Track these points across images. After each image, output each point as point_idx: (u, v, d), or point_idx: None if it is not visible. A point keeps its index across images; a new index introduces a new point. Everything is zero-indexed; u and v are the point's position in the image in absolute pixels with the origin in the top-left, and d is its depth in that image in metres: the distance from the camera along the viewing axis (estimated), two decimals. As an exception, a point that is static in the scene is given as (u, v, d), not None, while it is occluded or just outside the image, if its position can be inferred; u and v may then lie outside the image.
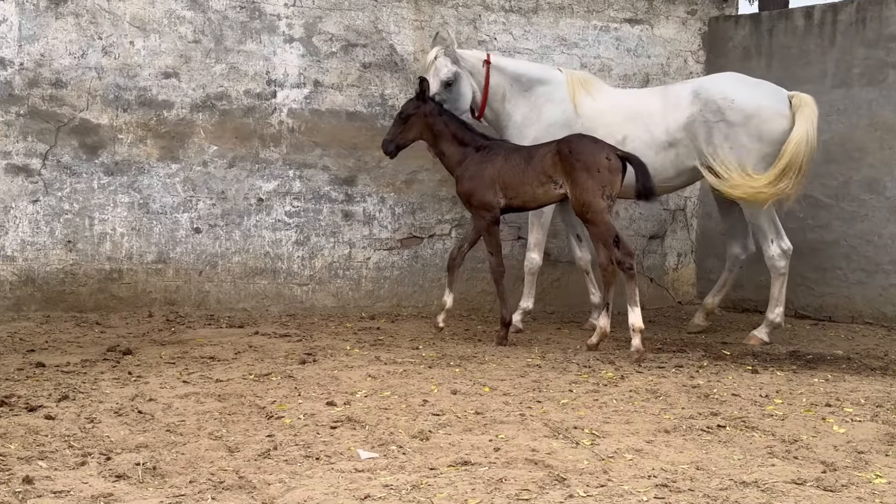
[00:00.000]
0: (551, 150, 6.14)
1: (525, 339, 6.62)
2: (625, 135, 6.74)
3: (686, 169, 6.81)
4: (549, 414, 4.45)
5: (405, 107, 6.52)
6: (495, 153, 6.36)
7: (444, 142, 6.46)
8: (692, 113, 6.67)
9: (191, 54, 7.26)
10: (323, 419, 4.27)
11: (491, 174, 6.29)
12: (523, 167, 6.20)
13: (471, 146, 6.42)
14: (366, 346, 6.08)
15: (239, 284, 7.40)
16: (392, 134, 6.50)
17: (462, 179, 6.41)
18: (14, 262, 6.91)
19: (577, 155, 5.99)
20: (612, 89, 7.20)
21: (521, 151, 6.36)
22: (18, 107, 6.90)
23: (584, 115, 6.80)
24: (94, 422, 4.14)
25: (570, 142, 6.12)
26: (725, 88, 6.67)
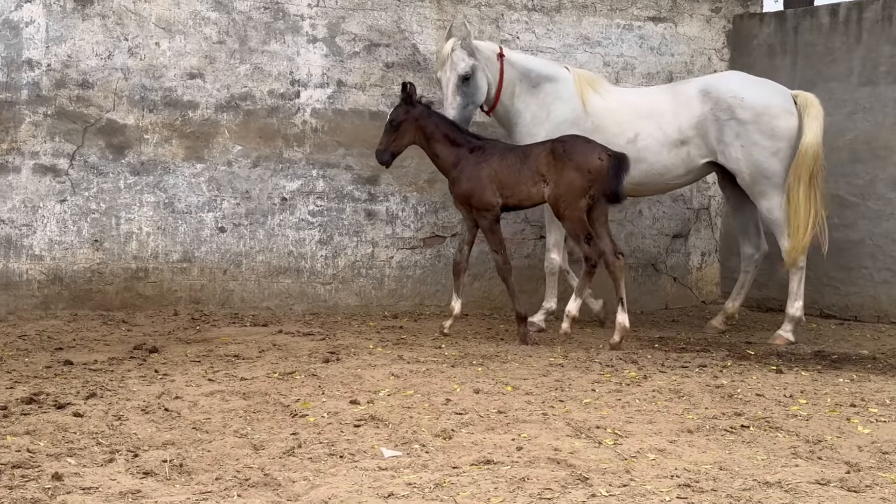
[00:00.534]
0: (545, 150, 6.23)
1: (548, 338, 6.62)
2: (637, 132, 6.76)
3: (696, 167, 6.87)
4: (572, 413, 4.46)
5: (395, 113, 6.46)
6: (490, 153, 6.40)
7: (436, 143, 6.46)
8: (703, 111, 6.72)
9: (215, 55, 7.33)
10: (347, 417, 4.30)
11: (488, 174, 6.33)
12: (518, 167, 6.29)
13: (464, 147, 6.44)
14: (389, 345, 6.11)
15: (263, 283, 7.47)
16: (385, 143, 6.45)
17: (459, 181, 6.42)
18: (42, 261, 7.01)
19: (570, 154, 6.12)
20: (617, 87, 7.23)
21: (515, 151, 6.43)
22: (46, 107, 7.00)
23: (594, 114, 6.79)
24: (121, 419, 4.20)
25: (565, 142, 6.25)
26: (734, 87, 6.75)
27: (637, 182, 6.84)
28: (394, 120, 6.44)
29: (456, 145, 6.45)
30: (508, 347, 6.19)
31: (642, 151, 6.76)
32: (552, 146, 6.23)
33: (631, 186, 6.90)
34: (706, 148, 6.78)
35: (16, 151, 6.95)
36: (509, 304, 7.83)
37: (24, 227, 6.98)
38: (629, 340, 6.58)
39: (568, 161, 6.10)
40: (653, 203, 8.28)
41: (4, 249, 6.94)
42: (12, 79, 6.94)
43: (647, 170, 6.81)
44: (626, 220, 8.25)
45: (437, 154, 6.50)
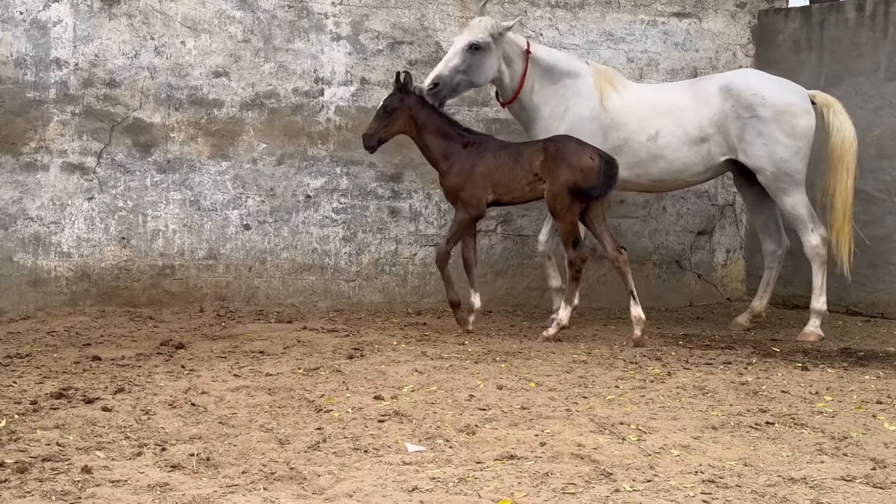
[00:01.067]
0: (538, 149, 6.31)
1: (571, 335, 6.62)
2: (658, 129, 6.74)
3: (715, 164, 6.86)
4: (596, 409, 4.47)
5: (389, 100, 6.46)
6: (484, 150, 6.45)
7: (428, 135, 6.48)
8: (724, 109, 6.70)
9: (240, 53, 7.39)
10: (371, 413, 4.33)
11: (482, 171, 6.38)
12: (512, 165, 6.35)
13: (455, 141, 6.47)
14: (412, 342, 6.14)
15: (287, 280, 7.52)
16: (374, 128, 6.45)
17: (450, 174, 6.45)
18: (70, 258, 7.10)
19: (563, 154, 6.19)
20: (636, 84, 7.20)
21: (508, 149, 6.49)
22: (74, 106, 7.09)
23: (612, 110, 6.76)
24: (149, 414, 4.26)
25: (557, 141, 6.34)
26: (754, 85, 6.75)
27: (656, 179, 6.83)
28: (387, 106, 6.44)
29: (447, 139, 6.48)
30: (531, 344, 6.19)
31: (663, 149, 6.74)
32: (544, 145, 6.33)
33: (649, 183, 6.91)
34: (726, 145, 6.77)
35: (44, 150, 7.04)
36: (532, 301, 7.87)
37: (52, 225, 7.07)
38: (652, 337, 6.56)
39: (560, 160, 6.18)
40: (677, 200, 8.26)
41: (33, 247, 7.04)
42: (40, 78, 7.03)
43: (667, 167, 6.79)
44: (650, 217, 8.23)
45: (427, 145, 6.52)
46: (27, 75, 7.01)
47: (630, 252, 8.10)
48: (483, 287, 7.65)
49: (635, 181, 6.86)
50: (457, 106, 7.78)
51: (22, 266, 7.01)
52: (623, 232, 8.14)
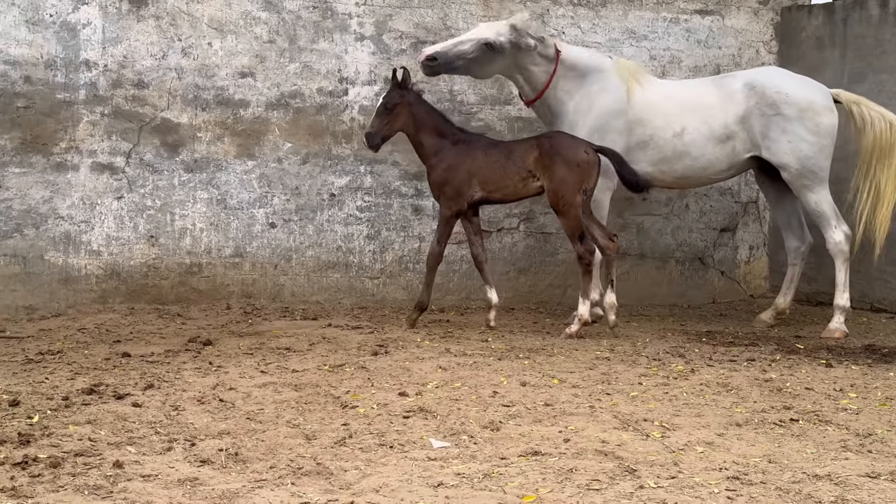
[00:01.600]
0: (531, 146, 6.34)
1: (593, 332, 6.60)
2: (683, 126, 6.70)
3: (739, 161, 6.83)
4: (619, 406, 4.46)
5: (389, 97, 6.44)
6: (474, 147, 6.47)
7: (424, 132, 6.48)
8: (749, 106, 6.67)
9: (266, 54, 7.43)
10: (396, 409, 4.35)
11: (469, 168, 6.40)
12: (504, 162, 6.37)
13: (448, 138, 6.49)
14: (436, 339, 6.15)
15: (312, 278, 7.56)
16: (377, 126, 6.42)
17: (436, 168, 6.47)
18: (100, 256, 7.18)
19: (558, 150, 6.22)
20: (659, 80, 7.16)
21: (499, 147, 6.51)
22: (103, 107, 7.16)
23: (638, 105, 6.72)
24: (178, 409, 4.29)
25: (551, 137, 6.38)
26: (778, 82, 6.74)
27: (680, 176, 6.81)
28: (388, 103, 6.42)
29: (441, 136, 6.49)
30: (554, 341, 6.19)
31: (688, 145, 6.71)
32: (538, 142, 6.35)
33: (673, 180, 6.88)
34: (750, 142, 6.74)
35: (74, 150, 7.12)
36: (555, 298, 7.86)
37: (82, 224, 7.15)
38: (675, 334, 6.54)
39: (556, 157, 6.20)
40: (700, 197, 8.21)
41: (64, 245, 7.12)
42: (70, 79, 7.11)
43: (692, 164, 6.76)
44: (672, 214, 8.19)
45: (421, 142, 6.52)
46: (57, 77, 7.08)
47: (653, 249, 8.11)
48: (506, 284, 7.67)
49: (660, 178, 6.83)
50: (479, 104, 7.79)
51: (53, 264, 7.09)
52: (646, 229, 8.12)
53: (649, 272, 8.12)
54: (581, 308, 6.34)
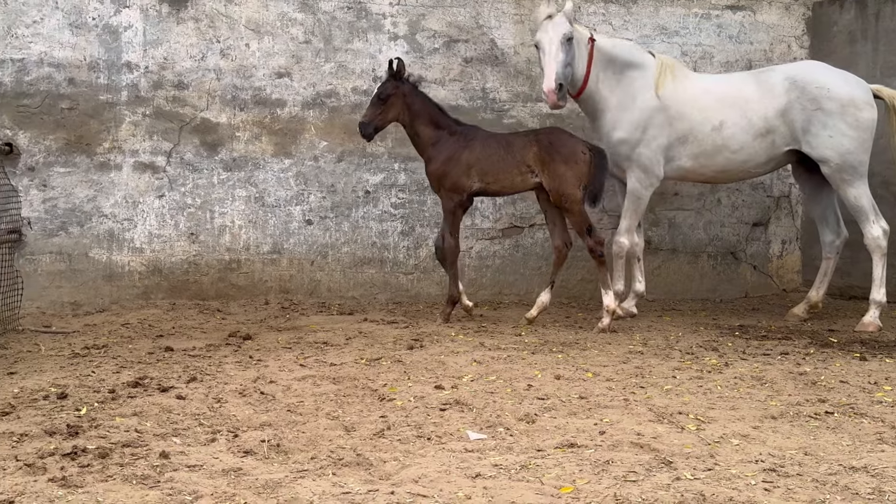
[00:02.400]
0: (530, 141, 6.36)
1: (626, 326, 6.58)
2: (722, 120, 6.64)
3: (777, 155, 6.76)
4: (653, 399, 4.44)
5: (383, 87, 6.42)
6: (472, 139, 6.47)
7: (420, 123, 6.48)
8: (789, 100, 6.59)
9: (302, 54, 7.48)
10: (432, 402, 4.36)
11: (468, 159, 6.41)
12: (503, 155, 6.38)
13: (444, 129, 6.49)
14: (470, 333, 6.16)
15: (348, 273, 7.60)
16: (370, 115, 6.39)
17: (434, 160, 6.46)
18: (142, 253, 7.27)
19: (558, 147, 6.26)
20: (696, 74, 7.09)
21: (497, 139, 6.51)
22: (144, 108, 7.24)
23: (678, 100, 6.66)
24: (220, 402, 4.34)
25: (550, 134, 6.42)
26: (819, 77, 6.65)
27: (719, 170, 6.75)
28: (381, 94, 6.41)
29: (438, 127, 6.49)
30: (587, 335, 6.17)
31: (727, 139, 6.65)
32: (537, 138, 6.37)
33: (712, 174, 6.82)
34: (790, 136, 6.66)
35: (117, 150, 7.21)
36: (587, 293, 7.83)
37: (125, 222, 7.25)
38: (708, 328, 6.50)
39: (555, 154, 6.24)
40: (732, 191, 8.13)
41: (108, 243, 7.22)
42: (113, 81, 7.20)
43: (731, 157, 6.69)
44: (704, 209, 8.12)
45: (418, 133, 6.51)
46: (100, 78, 7.18)
47: (685, 244, 8.05)
48: (537, 279, 7.66)
49: (699, 171, 6.77)
50: (511, 102, 7.78)
51: (97, 261, 7.20)
52: (677, 224, 8.06)
53: (681, 267, 8.07)
54: (606, 300, 6.33)
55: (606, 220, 7.93)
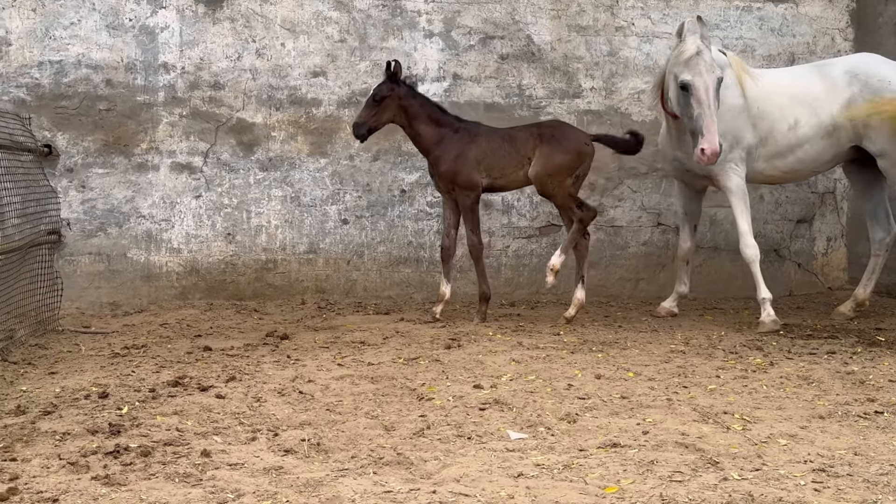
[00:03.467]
0: (532, 133, 6.42)
1: (667, 325, 6.53)
2: (796, 118, 6.47)
3: (841, 152, 6.63)
4: (697, 399, 4.40)
5: (378, 89, 6.42)
6: (475, 135, 6.49)
7: (419, 123, 6.48)
8: (852, 94, 6.45)
9: (337, 53, 7.51)
10: (471, 401, 4.36)
11: (476, 155, 6.43)
12: (508, 149, 6.42)
13: (447, 127, 6.49)
14: (508, 332, 6.16)
15: (384, 273, 7.62)
16: (364, 117, 6.40)
17: (444, 160, 6.45)
18: (180, 253, 7.36)
19: (559, 139, 6.36)
20: (762, 70, 6.96)
21: (500, 134, 6.55)
22: (181, 108, 7.33)
23: (755, 98, 6.46)
24: (260, 401, 4.38)
25: (553, 126, 6.52)
26: (880, 70, 6.51)
27: (788, 170, 6.60)
28: (377, 95, 6.41)
29: (439, 126, 6.49)
30: (627, 335, 6.13)
31: (801, 139, 6.49)
32: (539, 131, 6.44)
33: (780, 174, 6.68)
34: (853, 132, 6.49)
35: (154, 151, 7.31)
36: (626, 292, 7.78)
37: (163, 222, 7.33)
38: (752, 327, 6.42)
39: (557, 145, 6.32)
40: (775, 188, 8.03)
41: (146, 243, 7.32)
42: (150, 82, 7.29)
43: (802, 157, 6.54)
44: (746, 206, 8.00)
45: (419, 133, 6.51)
46: (137, 80, 7.28)
47: (727, 241, 7.96)
48: (577, 278, 7.62)
49: (769, 173, 6.61)
50: (548, 98, 7.75)
51: (135, 262, 7.29)
52: (719, 221, 7.98)
53: (723, 265, 7.98)
54: (554, 259, 6.39)
55: (645, 217, 7.88)
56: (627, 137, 6.53)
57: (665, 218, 7.89)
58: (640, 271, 7.85)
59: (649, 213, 7.87)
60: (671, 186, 7.83)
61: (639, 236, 7.88)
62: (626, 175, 7.84)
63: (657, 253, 7.85)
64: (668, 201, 7.85)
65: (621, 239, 7.85)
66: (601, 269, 7.84)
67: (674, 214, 7.59)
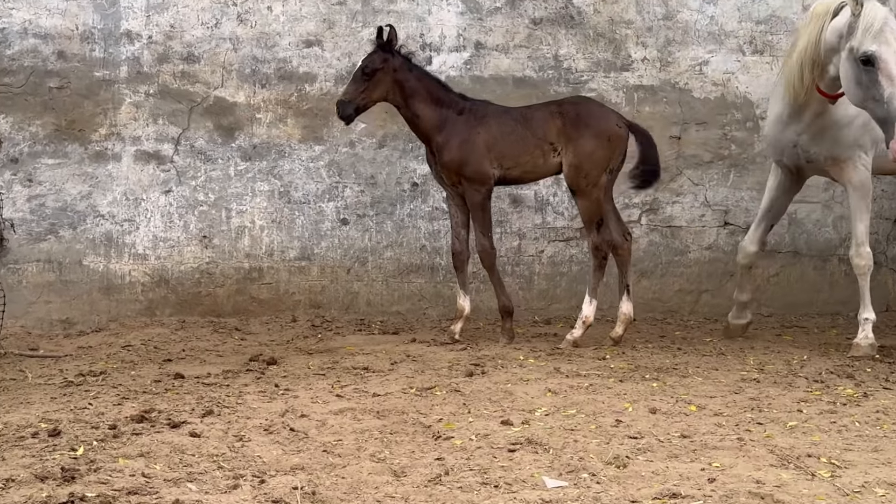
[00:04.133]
0: (552, 113, 6.42)
1: (736, 347, 6.50)
2: None
3: None
4: (774, 439, 4.38)
5: (370, 60, 6.38)
6: (484, 116, 6.49)
7: (417, 102, 6.44)
8: None
9: (335, 18, 7.54)
10: (499, 440, 4.35)
11: (486, 140, 6.42)
12: (522, 132, 6.43)
13: (450, 108, 6.48)
14: (542, 356, 6.15)
15: (392, 284, 7.63)
16: (351, 93, 6.33)
17: (448, 147, 6.42)
18: (146, 260, 7.39)
19: (587, 120, 6.37)
20: None
21: (512, 114, 6.56)
22: (148, 86, 7.37)
23: None
24: (242, 440, 4.38)
25: (577, 104, 6.50)
26: None
27: None
28: (366, 67, 6.35)
29: (441, 106, 6.47)
30: (688, 359, 6.11)
31: None
32: (560, 109, 6.43)
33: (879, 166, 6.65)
34: None
35: (115, 137, 7.35)
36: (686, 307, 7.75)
37: (125, 223, 7.38)
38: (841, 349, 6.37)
39: (584, 128, 6.32)
40: (868, 180, 7.97)
41: (105, 248, 7.36)
42: (110, 54, 7.34)
43: None
44: (833, 202, 7.97)
45: (417, 114, 6.47)
46: (95, 51, 7.33)
47: (809, 245, 7.92)
48: (626, 290, 7.62)
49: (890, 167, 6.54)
50: (590, 72, 7.75)
51: (93, 270, 7.34)
52: (800, 220, 7.93)
53: (805, 273, 7.94)
54: (586, 308, 6.48)
55: (710, 215, 7.84)
56: None
57: (734, 216, 7.85)
58: (704, 281, 7.81)
59: (714, 210, 7.84)
60: (741, 178, 7.81)
61: (701, 238, 7.85)
62: (685, 164, 7.81)
63: (724, 259, 7.80)
64: (737, 195, 7.82)
65: (680, 242, 7.82)
66: (655, 278, 7.81)
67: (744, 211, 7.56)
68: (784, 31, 7.80)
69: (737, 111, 7.84)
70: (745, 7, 7.81)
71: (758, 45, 7.84)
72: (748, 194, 7.81)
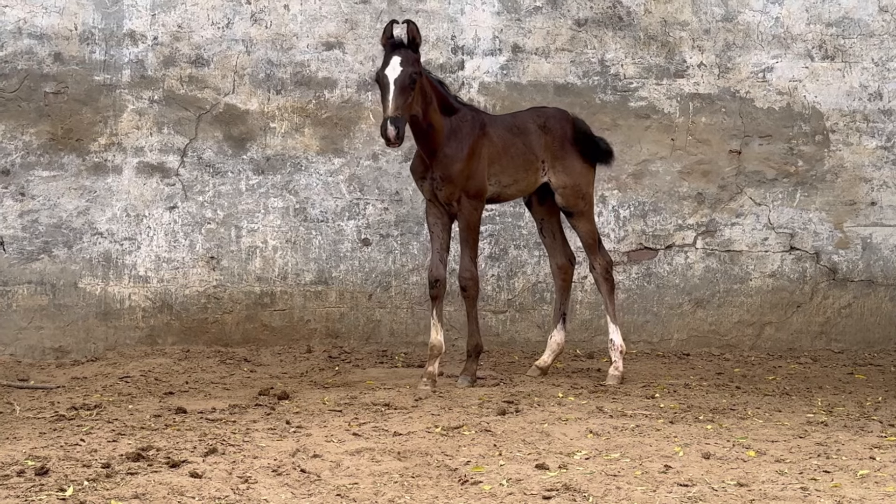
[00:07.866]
0: (538, 124, 6.52)
1: (801, 386, 6.44)
2: None
3: None
4: (843, 489, 4.34)
5: (410, 66, 6.05)
6: (482, 125, 6.45)
7: (433, 111, 6.29)
8: None
9: (358, 18, 7.59)
10: (533, 486, 4.34)
11: (490, 153, 6.42)
12: (520, 146, 6.49)
13: (452, 115, 6.43)
14: (583, 393, 6.14)
15: (418, 311, 7.63)
16: (402, 107, 5.98)
17: (455, 159, 6.33)
18: (147, 283, 7.44)
19: (576, 134, 6.53)
20: None
21: (505, 124, 6.58)
22: (152, 91, 7.45)
23: None
24: (248, 482, 4.38)
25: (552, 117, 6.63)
26: None
27: None
28: (413, 75, 6.07)
29: (445, 114, 6.39)
30: (747, 399, 6.09)
31: None
32: (542, 121, 6.55)
33: None
34: None
35: (116, 147, 7.42)
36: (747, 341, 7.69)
37: (126, 242, 7.44)
38: None
39: (568, 143, 6.52)
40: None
41: (103, 269, 7.42)
42: (111, 56, 7.43)
43: None
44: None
45: (433, 125, 6.28)
46: (95, 53, 7.42)
47: (886, 273, 7.83)
48: (677, 321, 7.58)
49: None
50: (640, 78, 7.74)
51: (89, 294, 7.40)
52: (875, 245, 7.85)
53: (881, 305, 7.86)
54: (616, 337, 6.61)
55: (774, 239, 7.78)
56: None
57: (801, 240, 7.79)
58: (766, 313, 7.75)
59: (779, 233, 7.79)
60: (809, 197, 7.76)
61: (764, 265, 7.80)
62: (746, 182, 7.77)
63: (789, 287, 7.75)
64: (804, 217, 7.76)
65: (740, 268, 7.77)
66: (712, 308, 7.76)
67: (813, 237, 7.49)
68: (857, 35, 7.76)
69: (804, 123, 7.80)
70: (813, 7, 7.78)
71: (828, 50, 7.80)
72: (816, 216, 7.75)
